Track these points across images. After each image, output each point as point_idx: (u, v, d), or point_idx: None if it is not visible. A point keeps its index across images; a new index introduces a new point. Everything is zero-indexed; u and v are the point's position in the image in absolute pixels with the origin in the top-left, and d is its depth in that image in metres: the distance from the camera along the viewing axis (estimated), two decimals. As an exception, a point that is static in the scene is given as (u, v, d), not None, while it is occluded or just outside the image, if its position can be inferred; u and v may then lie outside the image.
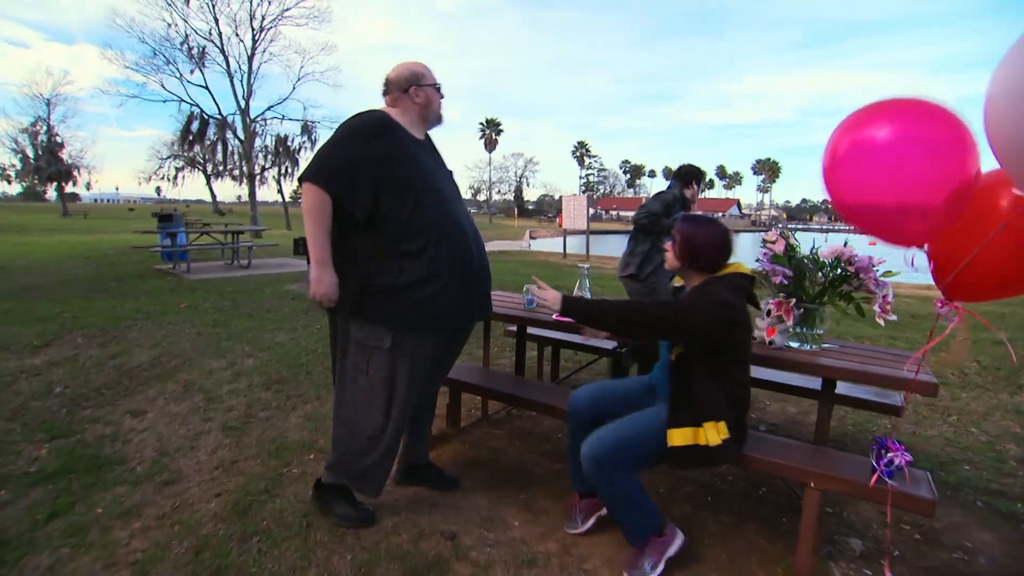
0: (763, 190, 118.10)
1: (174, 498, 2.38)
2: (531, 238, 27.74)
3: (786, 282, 2.12)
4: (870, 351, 2.36)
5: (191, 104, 26.66)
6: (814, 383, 2.76)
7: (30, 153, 43.41)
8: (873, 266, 2.07)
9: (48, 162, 42.98)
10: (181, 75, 25.18)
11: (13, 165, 44.99)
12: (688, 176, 4.01)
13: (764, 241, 2.26)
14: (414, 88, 2.13)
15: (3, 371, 3.90)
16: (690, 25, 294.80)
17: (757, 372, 3.02)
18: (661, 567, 1.92)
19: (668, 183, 4.12)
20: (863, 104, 1.59)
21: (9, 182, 47.38)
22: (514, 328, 3.47)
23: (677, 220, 2.00)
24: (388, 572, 1.92)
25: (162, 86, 25.36)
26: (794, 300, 2.13)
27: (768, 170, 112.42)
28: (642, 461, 1.93)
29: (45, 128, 42.93)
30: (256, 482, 2.49)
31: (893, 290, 2.10)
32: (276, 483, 2.49)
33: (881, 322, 2.08)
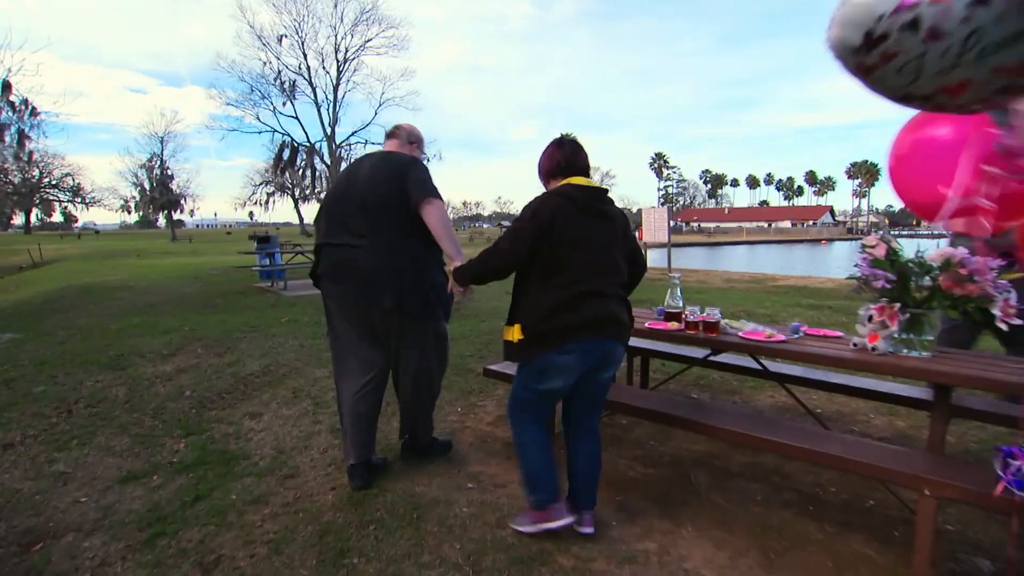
0: (859, 195, 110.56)
1: (295, 489, 2.62)
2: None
3: (888, 286, 2.07)
4: (989, 357, 2.24)
5: (283, 134, 28.94)
6: (924, 393, 2.65)
7: (147, 185, 48.28)
8: (991, 268, 1.98)
9: (160, 193, 47.59)
10: (274, 107, 27.38)
11: (133, 197, 50.20)
12: None
13: (864, 246, 2.22)
14: (415, 144, 2.84)
15: (143, 375, 4.41)
16: (773, 25, 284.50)
17: (858, 381, 2.93)
18: (535, 529, 2.15)
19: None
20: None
21: (129, 212, 52.82)
22: None
23: None
24: (495, 561, 2.03)
25: (257, 119, 27.68)
26: (899, 305, 2.08)
27: (865, 173, 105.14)
28: (520, 393, 2.18)
29: (159, 163, 47.61)
30: (366, 478, 2.70)
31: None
32: (384, 479, 2.69)
33: (1003, 327, 1.99)
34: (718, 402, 3.84)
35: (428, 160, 3.11)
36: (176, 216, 51.62)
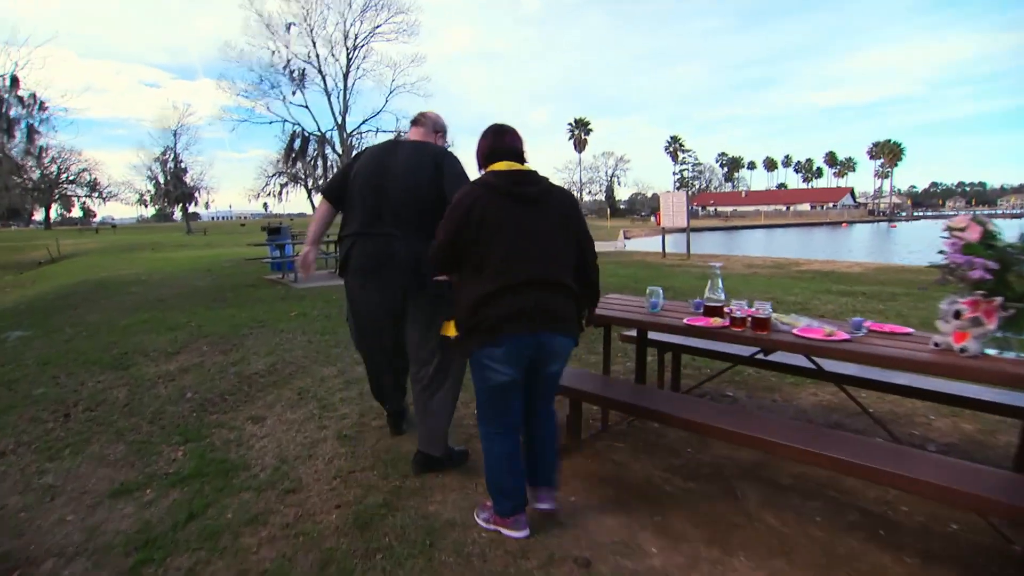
0: (881, 175, 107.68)
1: (296, 507, 2.37)
2: (625, 238, 27.06)
3: (989, 277, 1.74)
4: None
5: (293, 123, 28.72)
6: (1012, 398, 2.32)
7: (161, 179, 48.47)
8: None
9: (175, 186, 47.74)
10: (284, 97, 27.16)
11: (148, 191, 50.34)
12: None
13: (949, 229, 1.89)
14: (441, 134, 2.82)
15: (145, 376, 4.20)
16: (790, 2, 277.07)
17: (929, 383, 2.60)
18: (489, 528, 2.14)
19: None
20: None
21: (145, 205, 53.03)
22: (632, 333, 3.23)
23: None
24: (520, 602, 1.76)
25: (267, 109, 27.45)
26: (1000, 299, 1.75)
27: (888, 153, 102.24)
28: (481, 396, 2.08)
29: (173, 156, 47.76)
30: (374, 495, 2.44)
31: None
32: (395, 496, 2.42)
33: None
34: (758, 403, 3.53)
35: (450, 148, 2.87)
36: (191, 209, 51.89)
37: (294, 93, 27.45)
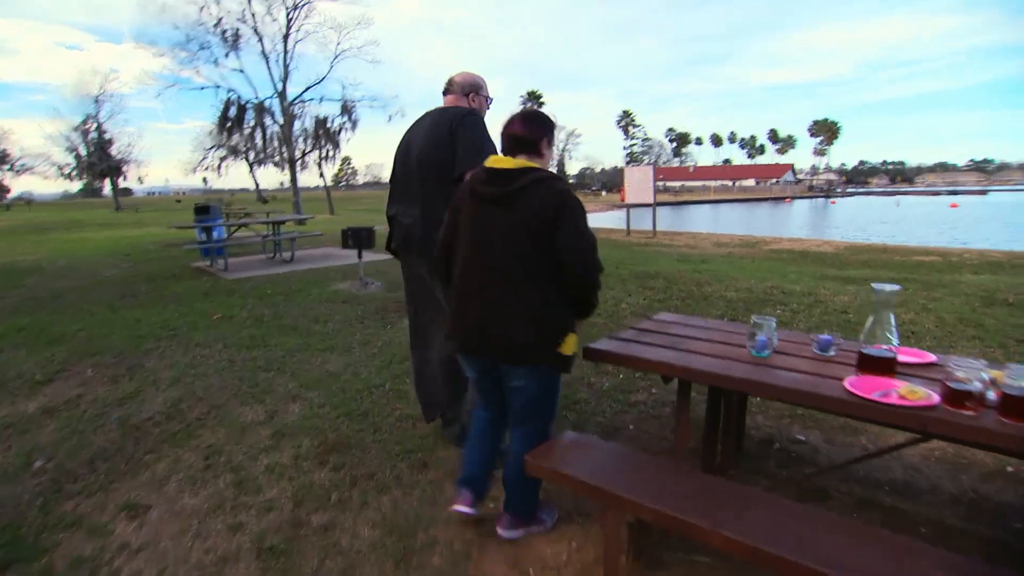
0: (819, 153, 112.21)
1: None
2: (582, 214, 26.15)
3: None
4: None
5: (228, 90, 26.13)
6: None
7: (82, 151, 44.27)
8: None
9: (99, 158, 43.72)
10: (217, 60, 24.57)
11: (68, 164, 45.88)
12: None
13: None
14: (473, 94, 2.52)
15: (-24, 432, 2.94)
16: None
17: None
18: None
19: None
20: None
21: (71, 179, 48.26)
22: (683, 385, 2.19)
23: None
24: None
25: (198, 73, 24.84)
26: None
27: (826, 131, 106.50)
28: None
29: (95, 126, 43.61)
30: None
31: None
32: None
33: None
34: (844, 453, 2.64)
35: (491, 103, 2.62)
36: (123, 184, 47.94)
37: (227, 55, 24.80)
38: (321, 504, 2.19)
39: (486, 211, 1.73)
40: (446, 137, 2.27)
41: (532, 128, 1.77)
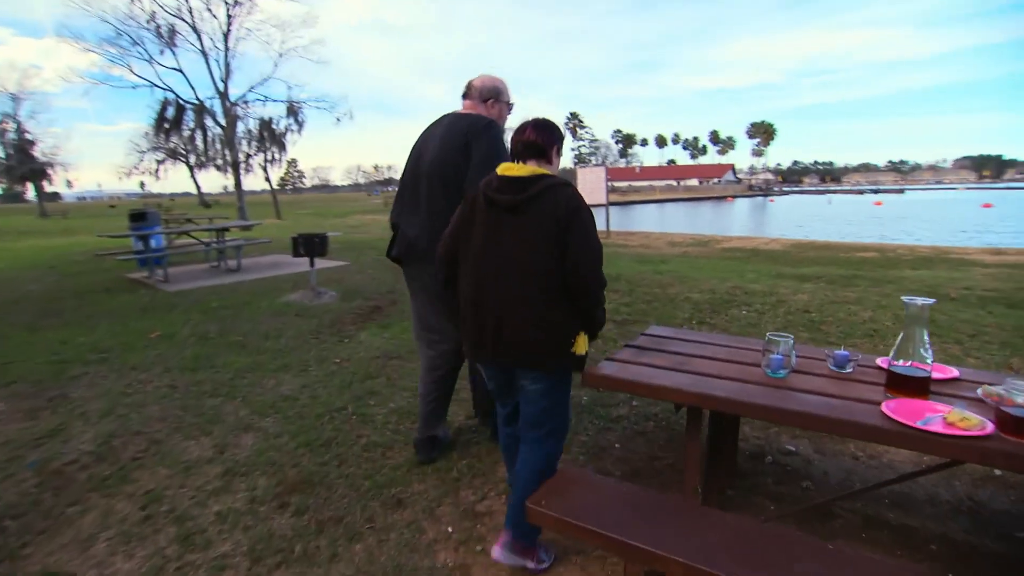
0: (757, 153, 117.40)
1: None
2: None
3: None
4: None
5: (165, 89, 24.68)
6: None
7: (0, 153, 41.10)
8: None
9: (20, 161, 40.70)
10: (152, 58, 23.15)
11: (-17, 167, 42.47)
12: None
13: None
14: (492, 100, 2.44)
15: None
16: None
17: None
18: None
19: None
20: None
21: (-9, 184, 44.72)
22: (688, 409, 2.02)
23: None
24: None
25: (131, 70, 23.34)
26: None
27: (763, 133, 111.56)
28: None
29: (15, 126, 40.57)
30: None
31: None
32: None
33: None
34: (836, 463, 2.54)
35: (512, 108, 2.53)
36: (49, 188, 44.77)
37: (162, 53, 23.37)
38: (283, 558, 1.90)
39: (499, 218, 1.74)
40: (460, 147, 2.20)
41: (545, 135, 1.80)
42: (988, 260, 9.12)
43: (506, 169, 1.76)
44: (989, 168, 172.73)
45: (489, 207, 1.76)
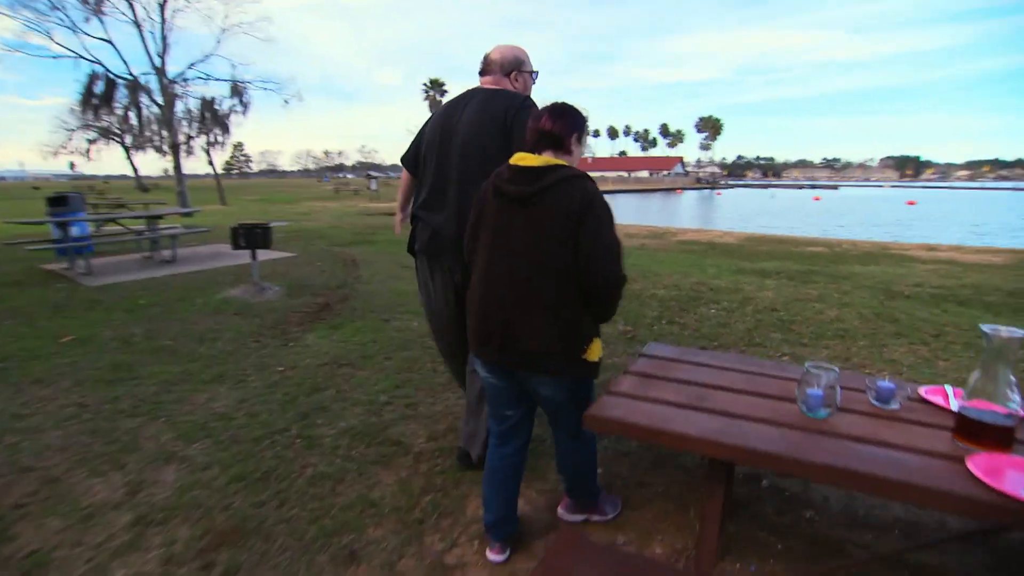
0: (705, 147, 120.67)
1: None
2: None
3: None
4: None
5: (92, 61, 22.79)
6: None
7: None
8: None
9: (-73, 136, 37.22)
10: (75, 25, 21.25)
11: None
12: None
13: None
14: (515, 72, 2.26)
15: None
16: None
17: None
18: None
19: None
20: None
21: None
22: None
23: None
24: None
25: (51, 38, 21.40)
26: None
27: (711, 128, 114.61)
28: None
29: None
30: None
31: None
32: None
33: None
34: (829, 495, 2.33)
35: (536, 76, 2.29)
36: (-41, 167, 41.08)
37: (88, 21, 21.48)
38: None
39: (509, 211, 1.66)
40: (499, 126, 2.06)
41: (561, 123, 1.66)
42: (924, 256, 9.41)
43: (519, 159, 1.66)
44: (910, 167, 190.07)
45: (499, 198, 1.67)
